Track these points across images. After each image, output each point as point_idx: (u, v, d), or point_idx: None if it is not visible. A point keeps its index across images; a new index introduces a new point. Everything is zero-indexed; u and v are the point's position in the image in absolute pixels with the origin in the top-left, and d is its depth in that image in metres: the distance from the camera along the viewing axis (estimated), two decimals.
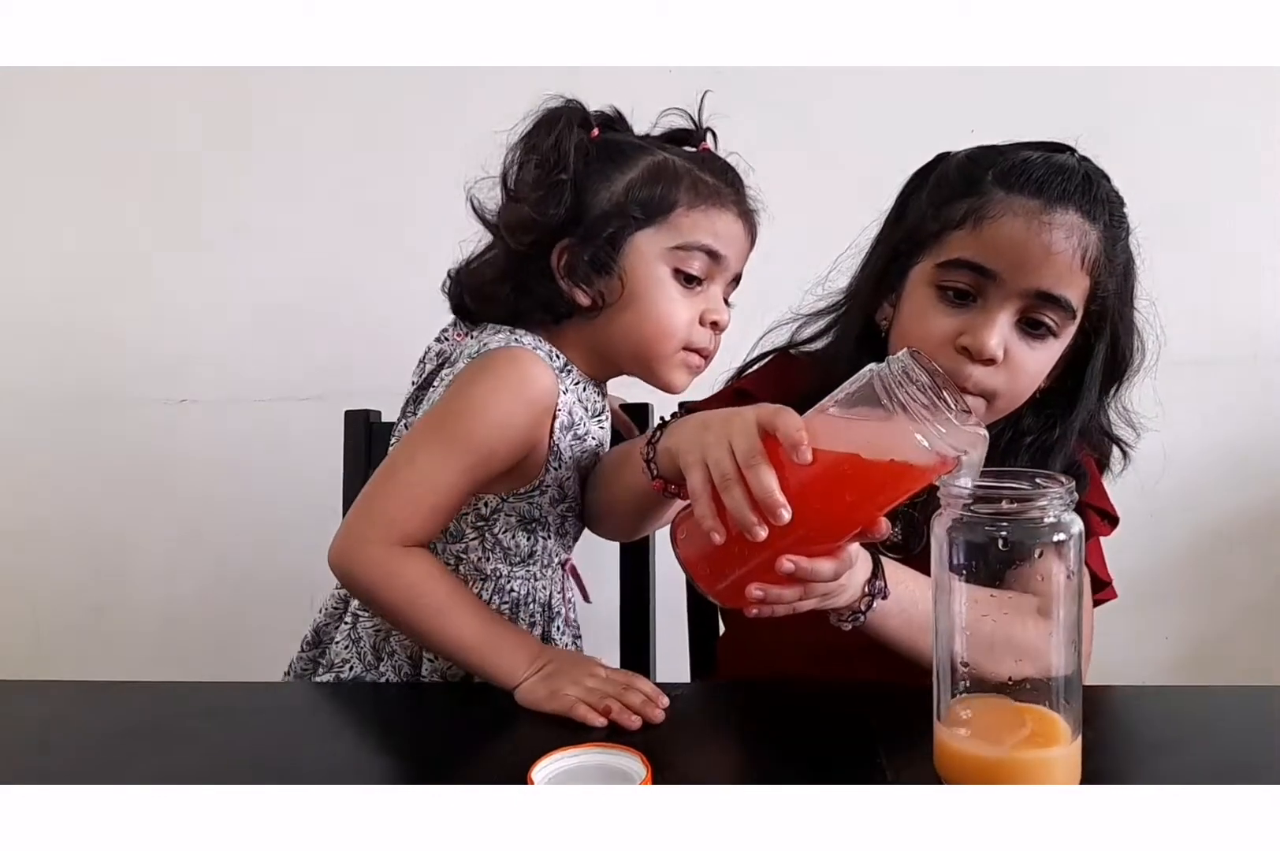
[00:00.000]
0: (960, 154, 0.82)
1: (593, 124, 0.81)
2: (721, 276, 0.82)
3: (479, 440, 0.76)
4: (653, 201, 0.78)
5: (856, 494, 0.58)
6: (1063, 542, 0.55)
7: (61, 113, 1.62)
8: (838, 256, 0.88)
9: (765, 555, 0.59)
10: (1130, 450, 0.87)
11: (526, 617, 0.85)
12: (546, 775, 0.58)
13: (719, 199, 0.80)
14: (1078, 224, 0.73)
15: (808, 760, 0.63)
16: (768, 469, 0.57)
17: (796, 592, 0.61)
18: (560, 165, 0.77)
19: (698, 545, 0.62)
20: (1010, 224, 0.73)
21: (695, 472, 0.61)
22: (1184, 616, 1.53)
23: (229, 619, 1.65)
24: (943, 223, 0.76)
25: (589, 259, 0.78)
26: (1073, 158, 0.77)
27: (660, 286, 0.79)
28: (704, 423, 0.64)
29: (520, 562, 0.85)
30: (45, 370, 1.66)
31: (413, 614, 0.75)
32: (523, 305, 0.81)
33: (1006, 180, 0.75)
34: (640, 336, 0.80)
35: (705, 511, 0.60)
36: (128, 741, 0.69)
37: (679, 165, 0.80)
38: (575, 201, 0.78)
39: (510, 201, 0.81)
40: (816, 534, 0.59)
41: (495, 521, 0.83)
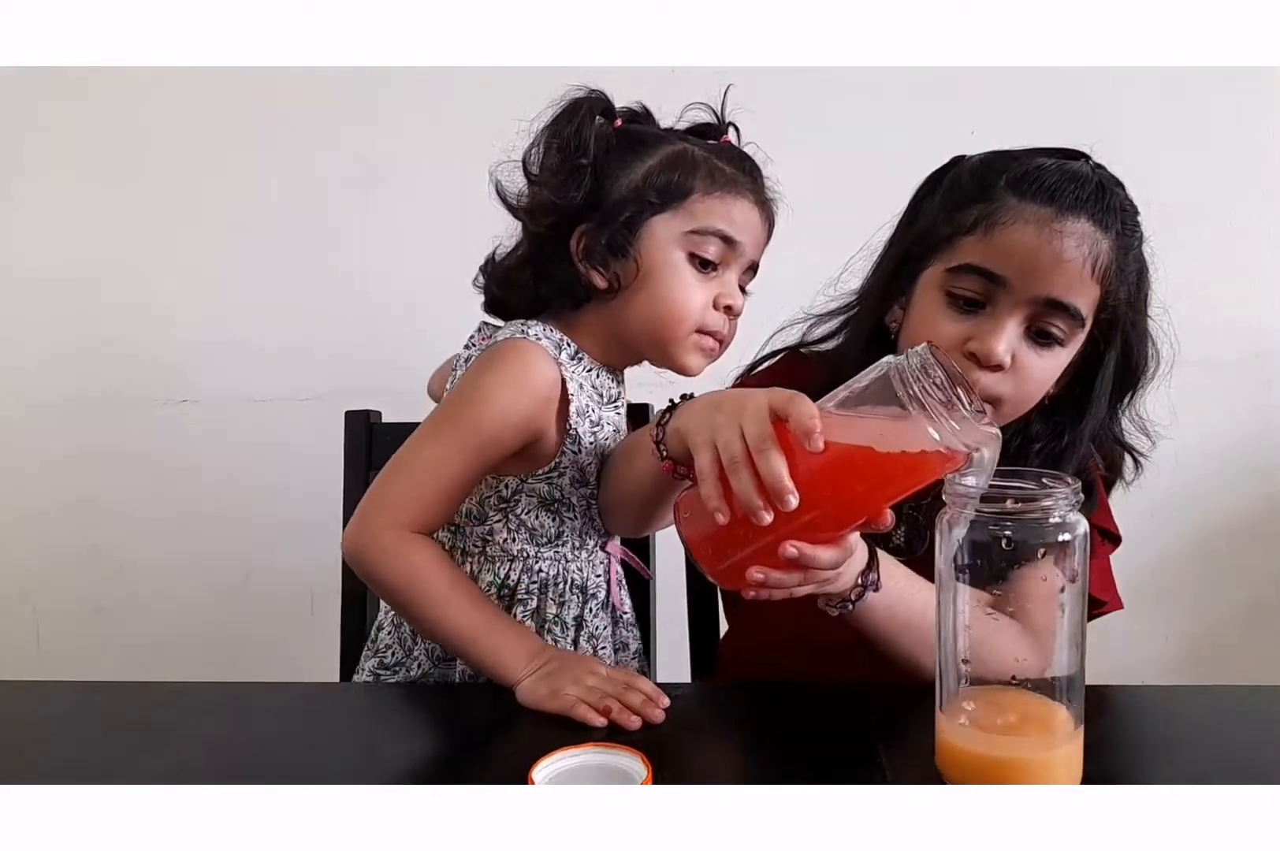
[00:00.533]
0: (974, 158, 0.82)
1: (615, 114, 0.83)
2: (737, 263, 0.83)
3: (482, 428, 0.78)
4: (670, 187, 0.79)
5: (865, 484, 0.58)
6: (1067, 543, 0.55)
7: (62, 113, 1.62)
8: (850, 257, 0.88)
9: (768, 539, 0.59)
10: (1144, 459, 0.87)
11: (556, 598, 0.86)
12: (547, 775, 0.58)
13: (735, 186, 0.81)
14: (1089, 232, 0.73)
15: (808, 760, 0.63)
16: (778, 454, 0.57)
17: (796, 578, 0.62)
18: (581, 151, 0.79)
19: (701, 525, 0.62)
20: (1021, 231, 0.73)
21: (704, 453, 0.61)
22: (1184, 616, 1.53)
23: (229, 619, 1.65)
24: (954, 227, 0.76)
25: (606, 242, 0.79)
26: (1087, 165, 0.77)
27: (675, 269, 0.80)
28: (715, 403, 0.64)
29: (548, 543, 0.86)
30: (45, 370, 1.66)
31: (413, 598, 0.76)
32: (543, 289, 0.83)
33: (1019, 187, 0.74)
34: (655, 318, 0.81)
35: (711, 492, 0.60)
36: (128, 741, 0.69)
37: (697, 154, 0.82)
38: (594, 187, 0.80)
39: (532, 185, 0.82)
40: (822, 521, 0.59)
41: (517, 502, 0.84)
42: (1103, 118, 1.44)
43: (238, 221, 1.60)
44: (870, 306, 0.85)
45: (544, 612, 0.85)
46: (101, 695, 0.79)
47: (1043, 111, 1.45)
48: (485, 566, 0.86)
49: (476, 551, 0.86)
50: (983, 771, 0.56)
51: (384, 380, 1.56)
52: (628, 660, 0.93)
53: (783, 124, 1.44)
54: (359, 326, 1.59)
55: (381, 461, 1.08)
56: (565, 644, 0.86)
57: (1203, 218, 1.42)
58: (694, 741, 0.69)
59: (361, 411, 1.11)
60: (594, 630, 0.88)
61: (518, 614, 0.85)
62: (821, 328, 0.90)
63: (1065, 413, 0.82)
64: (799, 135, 1.46)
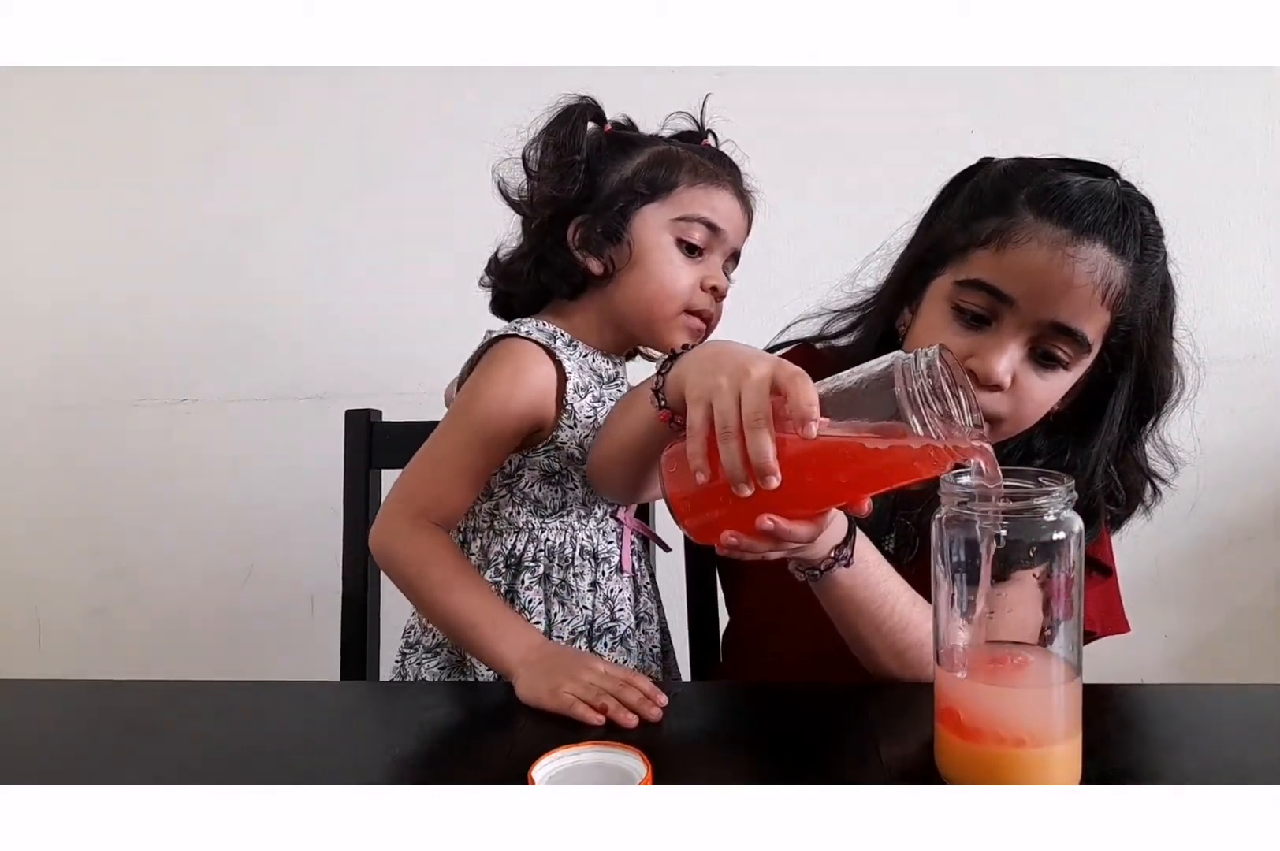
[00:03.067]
0: (1000, 164, 0.80)
1: (606, 119, 0.90)
2: (720, 248, 0.89)
3: (486, 422, 0.84)
4: (657, 180, 0.86)
5: (850, 475, 0.59)
6: (1062, 541, 0.55)
7: (62, 112, 1.62)
8: (868, 255, 0.89)
9: (747, 507, 0.59)
10: (1166, 486, 0.85)
11: (562, 563, 0.90)
12: (547, 773, 0.58)
13: (717, 179, 0.88)
14: (1104, 258, 0.71)
15: (808, 760, 0.63)
16: (767, 434, 0.56)
17: (769, 546, 0.62)
18: (574, 149, 0.86)
19: (683, 480, 0.62)
20: (1034, 252, 0.72)
21: (697, 410, 0.60)
22: (1184, 616, 1.54)
23: (229, 619, 1.65)
24: (969, 238, 0.75)
25: (601, 230, 0.86)
26: (1113, 185, 0.74)
27: (664, 252, 0.86)
28: (718, 359, 0.62)
29: (553, 514, 0.90)
30: (46, 370, 1.66)
31: (420, 583, 0.81)
32: (543, 277, 0.89)
33: (1038, 203, 0.73)
34: (646, 297, 0.87)
35: (697, 451, 0.59)
36: (128, 741, 0.69)
37: (681, 152, 0.89)
38: (589, 183, 0.87)
39: (531, 181, 0.89)
40: (801, 500, 0.60)
41: (520, 477, 0.89)
42: (1103, 117, 1.44)
43: (238, 221, 1.60)
44: (883, 307, 0.85)
45: (552, 578, 0.89)
46: (101, 695, 0.79)
47: (1042, 111, 1.45)
48: (493, 539, 0.90)
49: (485, 526, 0.91)
50: (982, 774, 0.56)
51: (384, 380, 1.56)
52: (652, 632, 0.96)
53: (778, 122, 1.45)
54: (359, 326, 1.59)
55: (381, 461, 1.10)
56: (579, 608, 0.89)
57: (1203, 218, 1.42)
58: (693, 740, 0.69)
59: (361, 411, 1.11)
60: (609, 593, 0.91)
61: (526, 580, 0.89)
62: (837, 324, 0.90)
63: (1070, 431, 0.81)
64: (799, 135, 1.47)
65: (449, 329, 1.48)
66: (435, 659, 0.90)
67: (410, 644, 0.93)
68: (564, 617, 0.89)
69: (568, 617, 0.89)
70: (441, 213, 1.52)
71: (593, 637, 0.90)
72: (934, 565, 0.59)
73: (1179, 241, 0.77)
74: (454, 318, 1.53)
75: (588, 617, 0.90)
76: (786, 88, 1.46)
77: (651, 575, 0.99)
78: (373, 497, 1.09)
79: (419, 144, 1.55)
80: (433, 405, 1.07)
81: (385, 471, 1.09)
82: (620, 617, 0.92)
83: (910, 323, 0.82)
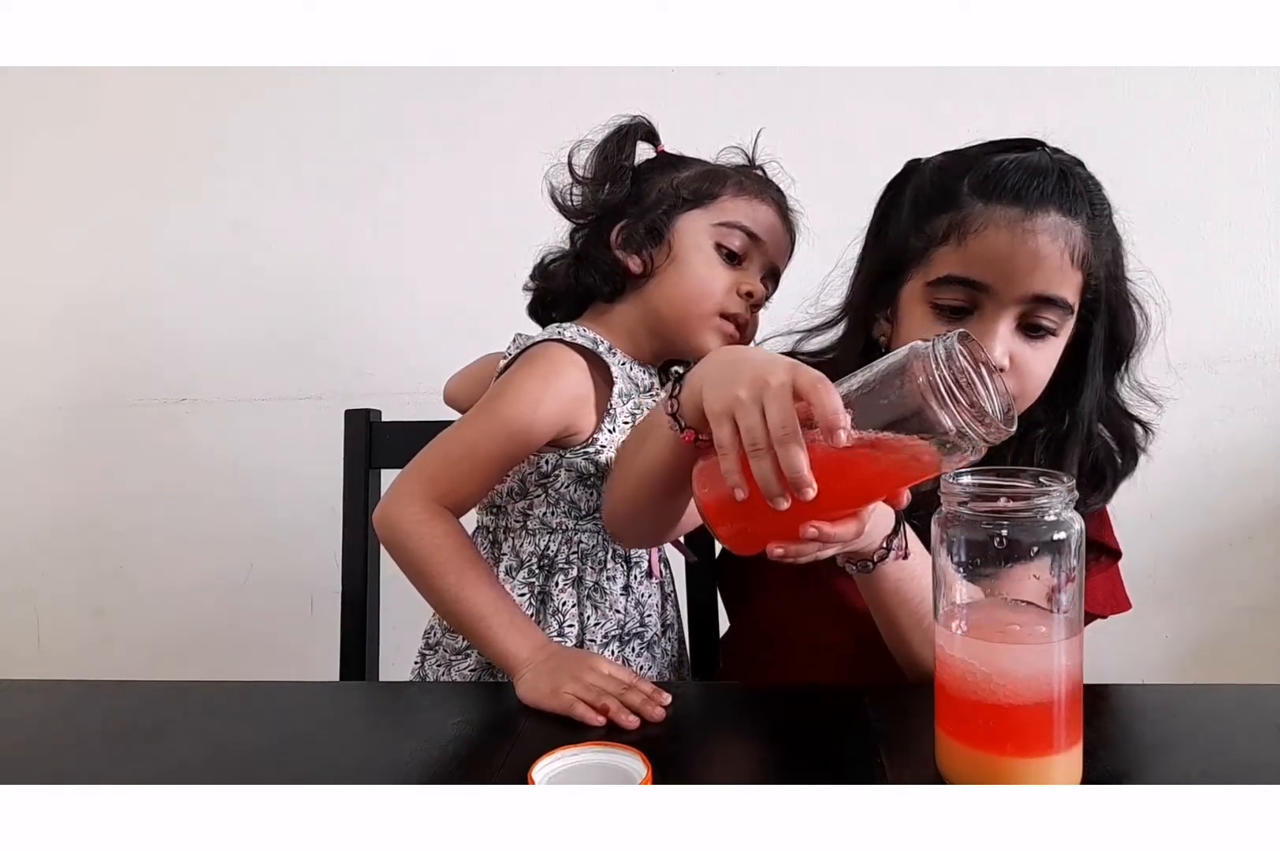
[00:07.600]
0: (930, 162, 0.81)
1: (658, 139, 0.93)
2: (760, 260, 0.91)
3: (514, 418, 0.84)
4: (701, 189, 0.89)
5: (884, 472, 0.58)
6: (1062, 541, 0.55)
7: (61, 110, 1.62)
8: (826, 275, 0.89)
9: (787, 515, 0.58)
10: (1153, 426, 0.85)
11: (595, 566, 0.90)
12: (547, 774, 0.58)
13: (761, 193, 0.91)
14: (1061, 224, 0.73)
15: (808, 760, 0.63)
16: (798, 447, 0.55)
17: (816, 547, 0.61)
18: (623, 156, 0.90)
19: (718, 495, 0.61)
20: (994, 235, 0.73)
21: (724, 426, 0.59)
22: (1184, 616, 1.53)
23: (229, 619, 1.65)
24: (927, 239, 0.76)
25: (644, 230, 0.89)
26: (1045, 154, 0.76)
27: (703, 253, 0.89)
28: (735, 370, 0.61)
29: (586, 516, 0.91)
30: (46, 371, 1.66)
31: (431, 569, 0.80)
32: (584, 277, 0.92)
33: (983, 189, 0.74)
34: (682, 295, 0.88)
35: (732, 467, 0.58)
36: (128, 741, 0.69)
37: (727, 168, 0.92)
38: (634, 190, 0.90)
39: (580, 185, 0.92)
40: (840, 502, 0.59)
41: (556, 478, 0.89)
42: (1103, 117, 1.44)
43: (239, 221, 1.60)
44: (856, 322, 0.85)
45: (585, 581, 0.89)
46: (101, 695, 0.79)
47: (1042, 111, 1.45)
48: (525, 539, 0.90)
49: (518, 526, 0.91)
50: (982, 776, 0.56)
51: (384, 380, 1.56)
52: (673, 639, 0.96)
53: (777, 122, 1.45)
54: (359, 326, 1.59)
55: (381, 461, 1.10)
56: (612, 612, 0.90)
57: (1203, 218, 1.42)
58: (694, 741, 0.69)
59: (361, 411, 1.11)
60: (640, 597, 0.92)
61: (559, 582, 0.89)
62: (811, 342, 0.90)
63: (1063, 393, 0.82)
64: (800, 135, 1.47)
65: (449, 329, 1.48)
66: (465, 660, 0.90)
67: (430, 645, 0.93)
68: (597, 621, 0.89)
69: (601, 621, 0.89)
70: (442, 213, 1.52)
71: (624, 642, 0.90)
72: (934, 564, 0.59)
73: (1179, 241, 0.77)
74: (454, 318, 1.53)
75: (620, 622, 0.90)
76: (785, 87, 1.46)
77: (674, 582, 1.00)
78: (372, 498, 1.09)
79: (419, 144, 1.55)
80: (433, 405, 1.07)
81: (385, 471, 1.09)
82: (649, 623, 0.92)
83: (891, 331, 0.82)
